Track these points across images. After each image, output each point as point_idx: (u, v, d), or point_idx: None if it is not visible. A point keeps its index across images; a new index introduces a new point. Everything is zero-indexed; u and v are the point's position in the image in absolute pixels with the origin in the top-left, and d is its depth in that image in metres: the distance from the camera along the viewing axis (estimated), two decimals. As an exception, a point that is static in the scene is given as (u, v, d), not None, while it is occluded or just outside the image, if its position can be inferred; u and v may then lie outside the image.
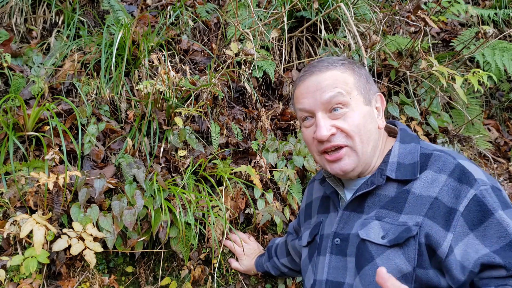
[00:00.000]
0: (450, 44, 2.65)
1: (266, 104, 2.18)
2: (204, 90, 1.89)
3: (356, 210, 1.05)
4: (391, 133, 1.15)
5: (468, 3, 3.15)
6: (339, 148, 1.01)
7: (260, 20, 2.33)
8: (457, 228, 0.87)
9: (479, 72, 1.88)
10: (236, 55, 1.98)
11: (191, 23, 2.30)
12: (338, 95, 0.99)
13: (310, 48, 2.36)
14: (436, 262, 0.90)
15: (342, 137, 1.00)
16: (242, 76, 2.07)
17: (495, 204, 0.86)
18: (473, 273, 0.85)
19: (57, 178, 1.40)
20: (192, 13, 2.40)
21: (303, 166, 1.86)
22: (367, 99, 1.04)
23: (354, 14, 2.37)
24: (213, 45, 2.26)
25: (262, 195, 1.76)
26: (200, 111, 1.87)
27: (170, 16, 2.34)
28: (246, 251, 1.67)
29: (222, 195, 1.66)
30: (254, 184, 1.70)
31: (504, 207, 0.86)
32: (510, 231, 0.83)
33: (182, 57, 2.23)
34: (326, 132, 0.99)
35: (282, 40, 2.23)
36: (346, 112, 1.00)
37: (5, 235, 1.36)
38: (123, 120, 1.85)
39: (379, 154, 1.06)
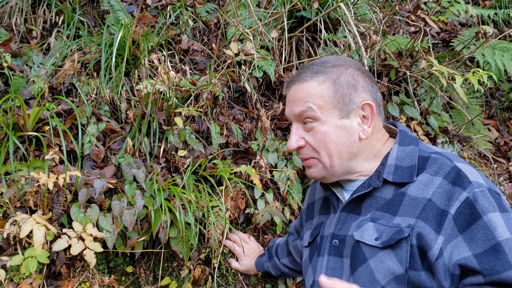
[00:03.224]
0: (450, 44, 2.65)
1: (266, 104, 2.18)
2: (204, 90, 1.89)
3: (353, 212, 1.05)
4: (393, 134, 1.15)
5: (468, 3, 3.16)
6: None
7: (260, 20, 2.32)
8: (448, 231, 0.87)
9: (479, 71, 1.88)
10: (236, 55, 1.98)
11: (191, 23, 2.30)
12: (307, 110, 1.01)
13: (310, 48, 2.36)
14: (427, 265, 0.89)
15: (310, 150, 1.05)
16: (242, 76, 2.07)
17: (487, 207, 0.84)
18: (454, 276, 0.84)
19: (57, 178, 1.40)
20: (192, 13, 2.40)
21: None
22: (345, 111, 1.01)
23: (354, 14, 2.37)
24: (213, 45, 2.26)
25: (262, 195, 1.76)
26: (200, 111, 1.87)
27: (170, 16, 2.34)
28: (246, 251, 1.67)
29: (222, 195, 1.66)
30: (254, 184, 1.70)
31: (501, 210, 0.85)
32: (496, 235, 0.81)
33: (182, 57, 2.23)
34: (293, 144, 1.05)
35: (282, 40, 2.23)
36: (314, 126, 1.02)
37: (5, 235, 1.36)
38: (123, 120, 1.85)
39: (375, 157, 1.05)
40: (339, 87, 1.02)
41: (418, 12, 2.12)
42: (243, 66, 2.05)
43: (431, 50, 2.48)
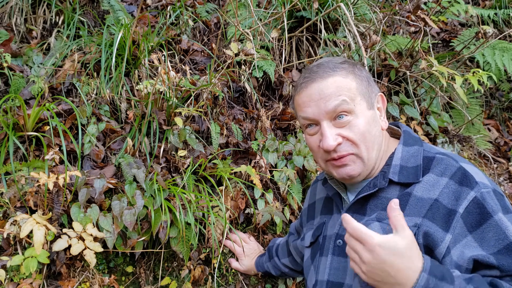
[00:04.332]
0: (450, 44, 2.65)
1: (266, 104, 2.18)
2: (204, 90, 1.89)
3: (358, 212, 1.05)
4: (394, 134, 1.15)
5: (468, 3, 3.15)
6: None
7: (260, 20, 2.32)
8: (456, 229, 0.87)
9: (479, 72, 1.88)
10: (236, 55, 1.98)
11: (191, 23, 2.30)
12: (342, 103, 0.97)
13: (310, 48, 2.36)
14: None
15: (348, 146, 0.99)
16: (242, 76, 2.07)
17: (495, 207, 0.86)
18: (467, 270, 0.85)
19: (57, 178, 1.40)
20: (192, 13, 2.40)
21: (303, 166, 1.86)
22: (370, 102, 1.03)
23: (354, 14, 2.37)
24: (213, 45, 2.26)
25: (262, 195, 1.76)
26: (200, 111, 1.87)
27: (170, 16, 2.34)
28: (246, 251, 1.67)
29: (222, 195, 1.66)
30: (254, 184, 1.70)
31: (504, 211, 0.86)
32: (508, 234, 0.83)
33: (182, 57, 2.23)
34: (332, 142, 0.98)
35: (282, 40, 2.23)
36: (350, 120, 0.98)
37: (5, 235, 1.36)
38: (123, 120, 1.85)
39: (382, 156, 1.05)
40: (361, 79, 1.03)
41: (418, 12, 2.12)
42: (243, 66, 2.05)
43: (431, 50, 2.48)
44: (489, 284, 0.82)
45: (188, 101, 1.91)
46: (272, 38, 2.19)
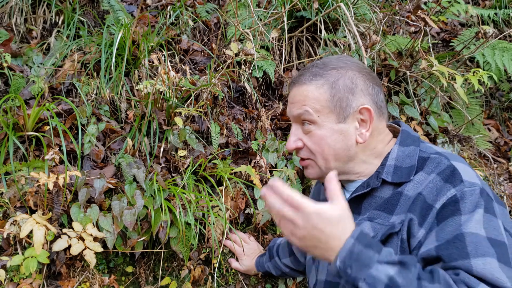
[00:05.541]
0: (450, 44, 2.65)
1: (266, 104, 2.18)
2: (204, 90, 1.89)
3: (353, 211, 1.05)
4: (397, 133, 1.15)
5: (468, 3, 3.15)
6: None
7: (260, 20, 2.32)
8: (429, 225, 0.87)
9: (479, 71, 1.88)
10: (236, 55, 1.98)
11: (191, 23, 2.30)
12: (305, 113, 1.03)
13: (310, 48, 2.36)
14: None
15: (307, 152, 1.07)
16: (242, 76, 2.07)
17: (469, 207, 0.84)
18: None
19: (57, 178, 1.40)
20: (192, 13, 2.40)
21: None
22: (342, 116, 1.01)
23: (354, 14, 2.37)
24: (213, 45, 2.26)
25: (262, 195, 1.76)
26: (200, 111, 1.87)
27: (170, 16, 2.34)
28: (246, 251, 1.67)
29: (222, 195, 1.66)
30: (254, 184, 1.70)
31: (485, 210, 0.84)
32: (463, 227, 0.81)
33: (182, 57, 2.23)
34: (291, 145, 1.07)
35: (282, 40, 2.23)
36: (312, 130, 1.03)
37: (5, 235, 1.36)
38: (123, 120, 1.85)
39: (377, 158, 1.06)
40: (336, 91, 1.02)
41: (418, 12, 2.12)
42: (243, 66, 2.05)
43: (431, 50, 2.48)
44: (426, 271, 0.80)
45: (188, 101, 1.91)
46: (272, 38, 2.19)
